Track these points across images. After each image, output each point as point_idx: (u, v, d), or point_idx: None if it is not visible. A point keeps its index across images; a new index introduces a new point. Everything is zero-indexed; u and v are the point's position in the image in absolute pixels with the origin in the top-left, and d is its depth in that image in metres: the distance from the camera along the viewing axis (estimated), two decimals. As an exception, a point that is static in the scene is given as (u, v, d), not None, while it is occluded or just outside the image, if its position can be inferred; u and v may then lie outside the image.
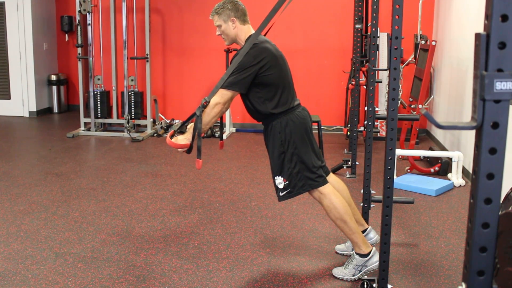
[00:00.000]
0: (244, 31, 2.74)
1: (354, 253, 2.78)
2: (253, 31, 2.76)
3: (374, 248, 2.78)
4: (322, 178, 2.74)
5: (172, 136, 2.62)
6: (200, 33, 7.29)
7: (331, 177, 2.94)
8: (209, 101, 2.51)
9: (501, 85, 0.84)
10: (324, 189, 2.72)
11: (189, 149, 2.55)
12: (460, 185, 4.48)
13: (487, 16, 0.85)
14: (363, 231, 3.01)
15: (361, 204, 3.27)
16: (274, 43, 2.78)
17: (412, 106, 5.62)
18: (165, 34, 7.50)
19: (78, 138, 6.54)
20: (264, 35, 2.75)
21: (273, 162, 2.73)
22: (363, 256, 2.75)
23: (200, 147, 2.48)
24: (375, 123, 6.44)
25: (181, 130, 2.80)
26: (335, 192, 2.74)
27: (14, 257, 3.02)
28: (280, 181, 2.70)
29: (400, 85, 5.84)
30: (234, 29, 2.73)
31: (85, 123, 6.91)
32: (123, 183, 4.56)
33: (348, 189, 3.06)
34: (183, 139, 2.57)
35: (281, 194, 2.72)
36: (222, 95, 2.55)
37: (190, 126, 2.61)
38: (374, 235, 3.05)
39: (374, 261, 2.74)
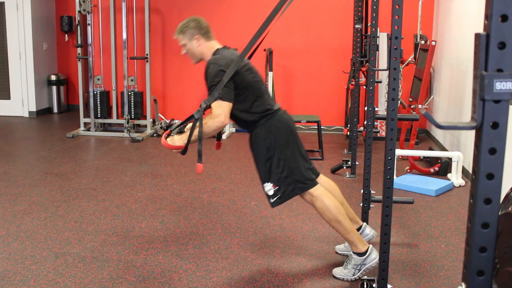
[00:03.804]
0: (209, 48, 2.78)
1: (352, 253, 2.78)
2: (218, 46, 2.80)
3: (371, 246, 2.78)
4: (312, 180, 2.73)
5: (167, 136, 2.61)
6: (200, 33, 7.27)
7: (321, 178, 2.94)
8: (210, 105, 2.51)
9: (500, 85, 0.84)
10: (315, 191, 2.72)
11: (183, 151, 2.54)
12: (460, 185, 4.48)
13: (487, 16, 0.85)
14: (358, 229, 3.02)
15: (361, 204, 3.27)
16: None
17: (412, 106, 5.62)
18: (165, 34, 7.51)
19: (78, 138, 6.54)
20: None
21: (260, 169, 2.73)
22: (360, 254, 2.75)
23: (200, 151, 2.48)
24: (375, 123, 6.45)
25: (180, 130, 2.80)
26: (326, 193, 2.74)
27: (14, 257, 3.02)
28: (269, 188, 2.69)
29: (400, 85, 5.84)
30: (199, 47, 2.77)
31: (85, 123, 6.91)
32: (123, 183, 4.56)
33: (348, 189, 3.06)
34: (179, 140, 2.57)
35: (272, 200, 2.71)
36: (222, 107, 2.55)
37: (189, 127, 2.60)
38: (370, 231, 3.05)
39: (372, 258, 2.74)
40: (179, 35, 2.78)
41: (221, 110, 2.54)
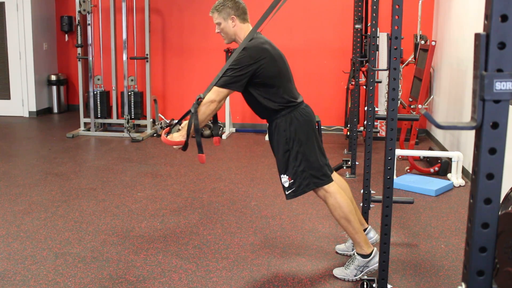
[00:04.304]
0: (243, 30, 2.72)
1: (356, 254, 2.77)
2: None
3: (375, 248, 2.77)
4: (327, 177, 2.72)
5: (167, 134, 2.61)
6: (200, 33, 7.29)
7: (334, 175, 2.92)
8: (204, 98, 2.50)
9: (500, 85, 0.84)
10: (330, 187, 2.71)
11: (184, 146, 2.53)
12: (460, 185, 4.48)
13: (487, 16, 0.85)
14: (363, 231, 3.01)
15: (361, 204, 3.27)
16: (275, 43, 2.77)
17: (411, 106, 5.62)
18: (165, 34, 7.51)
19: (78, 138, 6.54)
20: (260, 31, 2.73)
21: (278, 160, 2.71)
22: (364, 256, 2.74)
23: (200, 142, 2.46)
24: (375, 123, 6.45)
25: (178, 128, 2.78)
26: (340, 191, 2.73)
27: (14, 257, 3.02)
28: (285, 180, 2.69)
29: (400, 85, 5.84)
30: (234, 28, 2.71)
31: (85, 123, 6.91)
32: (123, 183, 4.56)
33: (348, 189, 3.06)
34: (178, 136, 2.56)
35: (287, 192, 2.71)
36: (218, 93, 2.51)
37: (185, 123, 2.60)
38: (374, 235, 3.05)
39: (376, 261, 2.73)
40: (215, 13, 2.72)
41: (215, 95, 2.50)
